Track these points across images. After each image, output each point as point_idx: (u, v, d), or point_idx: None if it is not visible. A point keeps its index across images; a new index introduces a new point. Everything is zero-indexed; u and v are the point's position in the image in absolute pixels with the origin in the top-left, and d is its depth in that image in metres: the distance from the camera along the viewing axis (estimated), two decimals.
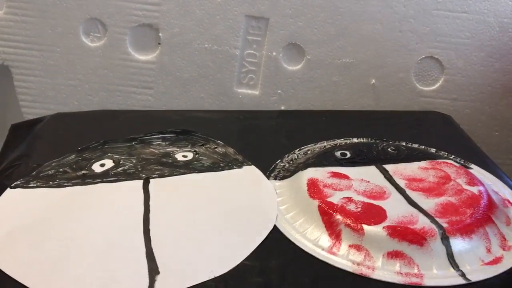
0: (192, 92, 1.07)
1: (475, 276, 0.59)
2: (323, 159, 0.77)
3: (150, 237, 0.63)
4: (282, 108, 1.08)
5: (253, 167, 0.79)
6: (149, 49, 1.06)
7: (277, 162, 0.80)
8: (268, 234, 0.64)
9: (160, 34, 1.04)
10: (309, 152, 0.82)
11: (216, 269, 0.58)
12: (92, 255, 0.60)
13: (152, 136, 0.86)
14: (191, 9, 1.03)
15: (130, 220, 0.66)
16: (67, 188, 0.73)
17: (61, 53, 1.05)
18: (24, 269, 0.57)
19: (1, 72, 1.07)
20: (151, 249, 0.61)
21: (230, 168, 0.78)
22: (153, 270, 0.57)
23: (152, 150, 0.82)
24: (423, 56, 1.05)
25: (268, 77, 1.07)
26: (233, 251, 0.61)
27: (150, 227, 0.64)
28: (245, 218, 0.67)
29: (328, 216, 0.64)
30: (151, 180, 0.75)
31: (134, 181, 0.74)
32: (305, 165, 0.75)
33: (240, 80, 1.07)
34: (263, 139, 0.83)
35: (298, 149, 0.83)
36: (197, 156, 0.80)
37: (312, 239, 0.63)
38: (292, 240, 0.64)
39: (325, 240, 0.63)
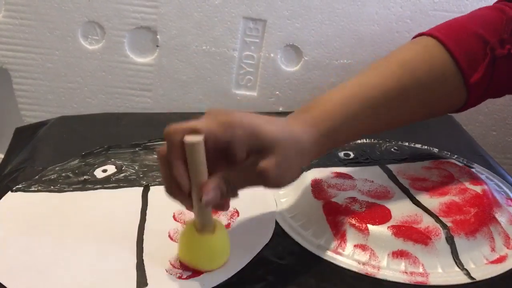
0: (190, 94, 1.07)
1: (480, 274, 0.59)
2: (326, 160, 0.77)
3: (142, 247, 0.62)
4: (280, 109, 1.08)
5: None
6: (148, 52, 1.06)
7: None
8: (273, 235, 0.64)
9: (158, 36, 1.04)
10: None
11: (208, 281, 0.56)
12: (82, 263, 0.59)
13: (156, 143, 0.86)
14: (189, 12, 1.03)
15: (125, 228, 0.65)
16: (66, 193, 0.72)
17: (60, 56, 1.04)
18: (13, 275, 0.57)
19: (0, 76, 1.07)
20: (142, 260, 0.59)
21: None
22: (141, 282, 0.56)
23: (155, 156, 0.82)
24: None
25: (266, 78, 1.07)
26: (231, 261, 0.59)
27: (144, 237, 0.63)
28: (243, 230, 0.65)
29: (333, 216, 0.64)
30: (151, 187, 0.74)
31: (134, 188, 0.74)
32: (309, 166, 0.75)
33: (238, 82, 1.07)
34: None
35: None
36: None
37: (317, 239, 0.63)
38: (297, 240, 0.64)
39: (330, 240, 0.62)
